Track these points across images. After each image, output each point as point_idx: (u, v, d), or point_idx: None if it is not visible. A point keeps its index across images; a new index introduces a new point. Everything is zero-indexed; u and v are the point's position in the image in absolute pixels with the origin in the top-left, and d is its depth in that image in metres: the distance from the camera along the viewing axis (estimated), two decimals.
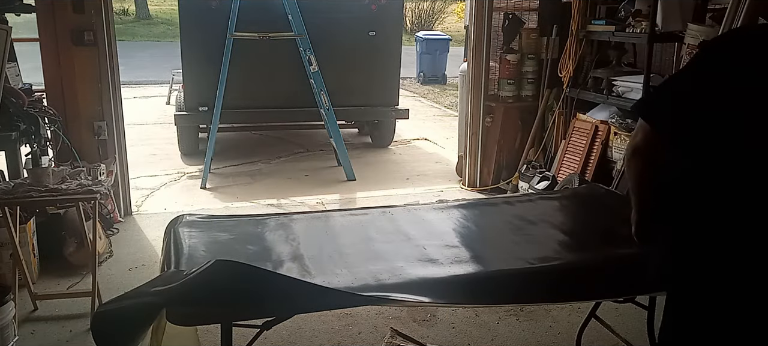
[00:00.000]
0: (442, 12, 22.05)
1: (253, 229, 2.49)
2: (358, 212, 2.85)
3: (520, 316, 3.31)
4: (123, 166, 4.70)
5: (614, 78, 4.54)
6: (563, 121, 5.02)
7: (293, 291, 1.83)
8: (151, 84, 11.55)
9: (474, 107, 5.39)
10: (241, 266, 1.84)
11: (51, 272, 3.76)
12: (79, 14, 4.28)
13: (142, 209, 4.99)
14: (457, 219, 2.65)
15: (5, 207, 3.16)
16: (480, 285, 2.08)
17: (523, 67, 5.26)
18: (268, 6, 5.92)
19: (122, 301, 1.83)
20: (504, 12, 5.23)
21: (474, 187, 5.55)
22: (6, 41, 3.62)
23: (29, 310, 3.33)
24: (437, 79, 12.71)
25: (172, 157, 6.67)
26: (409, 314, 3.29)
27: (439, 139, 7.72)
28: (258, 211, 4.89)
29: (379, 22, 6.66)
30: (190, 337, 2.62)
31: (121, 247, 4.16)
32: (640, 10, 4.27)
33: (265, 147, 7.22)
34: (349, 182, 5.87)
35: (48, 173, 3.37)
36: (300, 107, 6.39)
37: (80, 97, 4.42)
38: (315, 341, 3.07)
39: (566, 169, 4.80)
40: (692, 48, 3.94)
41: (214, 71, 5.67)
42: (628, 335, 2.87)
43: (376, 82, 6.83)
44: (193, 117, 6.34)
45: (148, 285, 1.85)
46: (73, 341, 3.07)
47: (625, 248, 2.38)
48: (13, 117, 3.73)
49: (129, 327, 1.77)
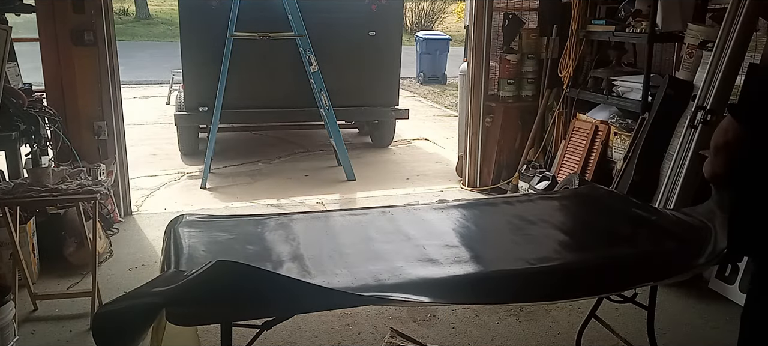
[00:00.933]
0: (442, 12, 22.06)
1: (253, 229, 2.49)
2: (358, 212, 2.85)
3: (520, 316, 3.31)
4: (123, 166, 4.71)
5: (614, 78, 4.54)
6: (563, 121, 5.02)
7: (294, 291, 1.83)
8: (151, 84, 11.56)
9: (474, 107, 5.39)
10: (242, 266, 1.84)
11: (51, 272, 3.76)
12: (79, 14, 4.28)
13: (142, 209, 4.99)
14: (457, 219, 2.65)
15: (5, 207, 3.16)
16: (480, 285, 2.08)
17: (523, 67, 5.26)
18: (268, 6, 5.92)
19: (122, 302, 1.83)
20: (504, 12, 5.23)
21: (474, 187, 5.55)
22: (6, 41, 3.62)
23: (29, 310, 3.33)
24: (437, 79, 12.71)
25: (172, 158, 6.67)
26: (409, 314, 3.29)
27: (439, 139, 7.72)
28: (258, 211, 4.90)
29: (379, 22, 6.66)
30: (191, 337, 2.62)
31: (121, 247, 4.17)
32: (640, 10, 4.27)
33: (265, 147, 7.22)
34: (349, 182, 5.87)
35: (48, 173, 3.37)
36: (300, 107, 6.39)
37: (80, 97, 4.42)
38: (315, 341, 3.07)
39: (566, 169, 4.80)
40: (692, 48, 3.95)
41: (214, 71, 5.67)
42: (628, 335, 2.86)
43: (376, 82, 6.84)
44: (193, 117, 6.34)
45: (149, 285, 1.85)
46: (73, 341, 3.07)
47: (626, 247, 2.40)
48: (13, 117, 3.73)
49: (129, 327, 1.77)
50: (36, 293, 3.37)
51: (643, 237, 2.47)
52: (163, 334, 2.17)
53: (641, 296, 2.58)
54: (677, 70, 4.13)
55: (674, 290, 3.52)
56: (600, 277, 2.20)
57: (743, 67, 3.63)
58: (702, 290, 3.54)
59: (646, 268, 2.25)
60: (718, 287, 3.51)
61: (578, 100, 4.89)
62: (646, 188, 3.88)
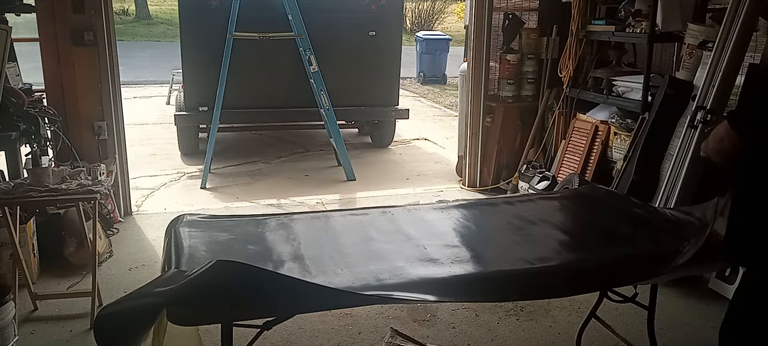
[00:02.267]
0: (442, 12, 22.07)
1: (253, 229, 2.49)
2: (358, 212, 2.85)
3: (520, 316, 3.31)
4: (123, 166, 4.70)
5: (614, 78, 4.54)
6: (563, 121, 5.02)
7: (295, 290, 1.83)
8: (151, 84, 11.56)
9: (474, 107, 5.40)
10: (242, 265, 1.84)
11: (51, 272, 3.76)
12: (79, 14, 4.28)
13: (142, 209, 4.99)
14: (457, 219, 2.65)
15: (5, 207, 3.16)
16: (481, 284, 2.09)
17: (523, 67, 5.26)
18: (268, 6, 5.92)
19: (124, 302, 1.83)
20: (504, 12, 5.24)
21: (474, 187, 5.55)
22: (6, 41, 3.62)
23: (29, 310, 3.33)
24: (437, 79, 12.71)
25: (172, 157, 6.67)
26: (409, 314, 3.29)
27: (439, 139, 7.73)
28: (258, 211, 4.90)
29: (379, 22, 6.66)
30: (192, 337, 2.62)
31: (121, 247, 4.16)
32: (640, 10, 4.27)
33: (265, 147, 7.22)
34: (349, 182, 5.87)
35: (48, 173, 3.37)
36: (300, 107, 6.39)
37: (80, 97, 4.42)
38: (315, 341, 3.07)
39: (566, 169, 4.80)
40: (692, 48, 3.95)
41: (214, 71, 5.67)
42: (628, 335, 2.86)
43: (376, 82, 6.83)
44: (193, 117, 6.34)
45: (150, 286, 1.85)
46: (73, 341, 3.07)
47: (626, 247, 2.40)
48: (13, 117, 3.73)
49: (131, 328, 1.77)
50: (36, 293, 3.37)
51: (643, 237, 2.47)
52: (164, 334, 2.17)
53: (641, 296, 2.58)
54: (677, 70, 4.13)
55: (674, 290, 3.52)
56: (600, 275, 2.20)
57: (743, 67, 3.63)
58: (702, 290, 3.54)
59: (645, 266, 2.25)
60: (718, 287, 3.51)
61: (578, 100, 4.89)
62: (646, 188, 3.88)
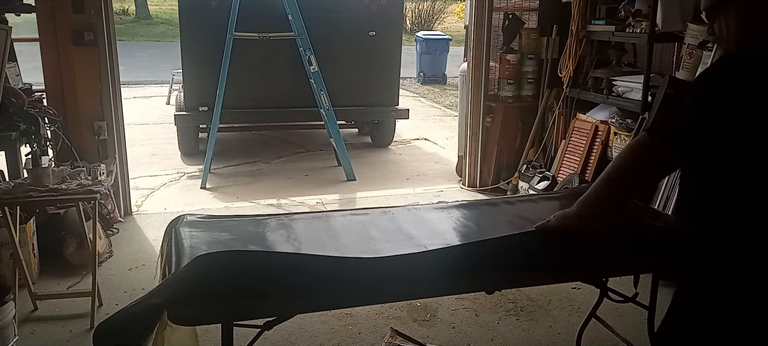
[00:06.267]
0: (442, 12, 22.07)
1: (253, 229, 2.49)
2: (358, 211, 2.85)
3: (520, 316, 3.31)
4: (123, 166, 4.70)
5: (614, 78, 4.53)
6: (563, 121, 5.02)
7: (289, 263, 1.89)
8: (151, 84, 11.56)
9: (474, 107, 5.39)
10: (222, 254, 1.92)
11: (51, 272, 3.76)
12: (79, 14, 4.28)
13: (142, 209, 4.99)
14: (458, 219, 2.65)
15: (5, 207, 3.16)
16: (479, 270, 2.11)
17: (523, 67, 5.26)
18: (268, 6, 5.92)
19: (123, 312, 1.86)
20: (504, 12, 5.23)
21: (474, 187, 5.55)
22: (6, 41, 3.62)
23: (29, 310, 3.33)
24: (437, 79, 12.72)
25: (172, 158, 6.67)
26: (409, 314, 3.29)
27: (439, 139, 7.72)
28: (258, 211, 4.89)
29: (379, 22, 6.66)
30: (189, 337, 2.61)
31: (121, 247, 4.16)
32: (640, 10, 4.27)
33: (265, 147, 7.22)
34: (349, 182, 5.87)
35: (48, 173, 3.37)
36: (300, 107, 6.40)
37: (80, 97, 4.42)
38: (315, 341, 3.07)
39: (566, 169, 4.80)
40: (692, 48, 3.94)
41: (214, 71, 5.67)
42: (628, 335, 2.86)
43: (376, 82, 6.84)
44: (193, 117, 6.34)
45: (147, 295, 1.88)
46: (73, 341, 3.07)
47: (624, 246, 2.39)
48: (13, 117, 3.73)
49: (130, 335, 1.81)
50: (36, 293, 3.37)
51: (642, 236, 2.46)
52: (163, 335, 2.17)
53: (641, 295, 2.58)
54: (677, 70, 4.13)
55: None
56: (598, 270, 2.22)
57: None
58: None
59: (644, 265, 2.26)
60: None
61: (578, 100, 4.89)
62: None
